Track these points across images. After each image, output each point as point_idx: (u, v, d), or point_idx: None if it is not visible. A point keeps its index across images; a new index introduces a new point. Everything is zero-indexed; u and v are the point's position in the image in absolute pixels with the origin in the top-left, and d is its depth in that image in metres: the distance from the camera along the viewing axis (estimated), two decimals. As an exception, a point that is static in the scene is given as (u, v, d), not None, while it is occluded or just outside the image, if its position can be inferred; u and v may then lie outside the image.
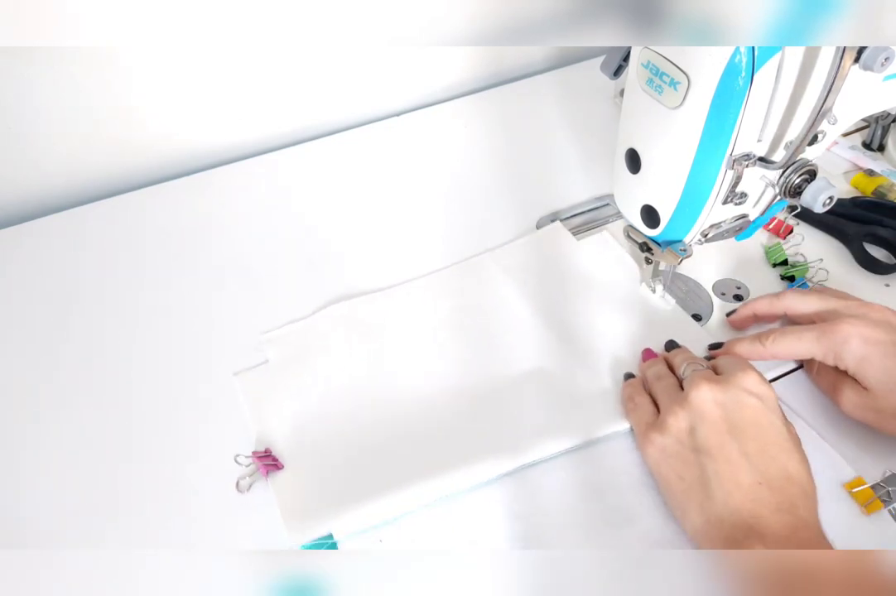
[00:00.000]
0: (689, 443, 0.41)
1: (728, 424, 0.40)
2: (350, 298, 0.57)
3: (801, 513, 0.37)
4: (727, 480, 0.38)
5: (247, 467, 0.46)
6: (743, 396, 0.41)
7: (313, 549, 0.42)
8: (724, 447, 0.39)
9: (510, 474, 0.45)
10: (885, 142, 0.67)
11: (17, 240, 0.66)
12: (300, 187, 0.70)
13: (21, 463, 0.49)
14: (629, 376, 0.49)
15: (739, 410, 0.40)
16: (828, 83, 0.38)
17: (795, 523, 0.37)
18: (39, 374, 0.54)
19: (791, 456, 0.39)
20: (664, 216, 0.46)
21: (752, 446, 0.39)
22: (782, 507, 0.37)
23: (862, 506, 0.42)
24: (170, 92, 0.69)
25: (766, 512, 0.37)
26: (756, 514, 0.37)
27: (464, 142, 0.75)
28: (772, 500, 0.37)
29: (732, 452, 0.39)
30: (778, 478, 0.38)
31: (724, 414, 0.40)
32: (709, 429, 0.40)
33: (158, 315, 0.58)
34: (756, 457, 0.39)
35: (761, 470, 0.38)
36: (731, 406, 0.40)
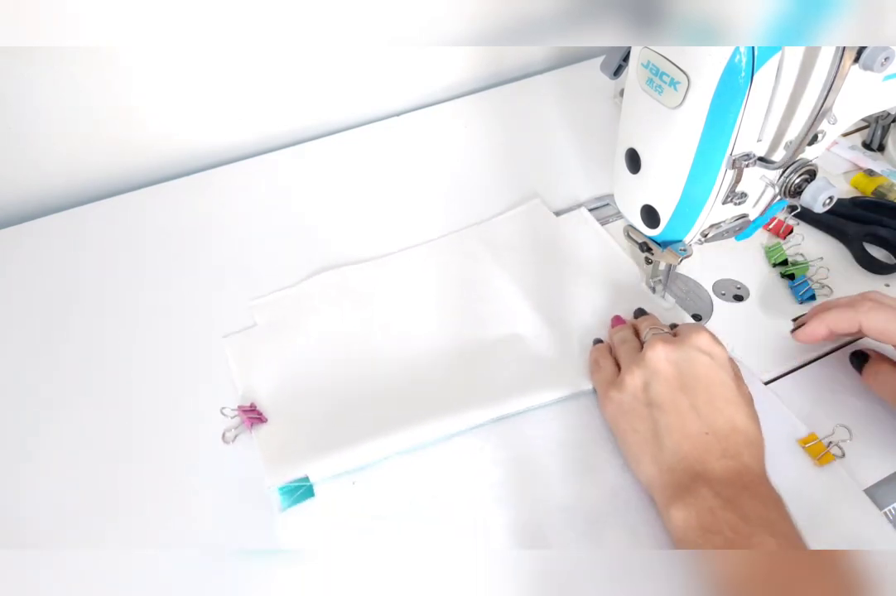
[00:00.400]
0: (644, 398, 0.43)
1: (680, 380, 0.42)
2: (339, 267, 0.60)
3: (746, 459, 0.40)
4: (677, 430, 0.41)
5: (232, 419, 0.49)
6: (695, 354, 0.43)
7: (290, 491, 0.44)
8: (676, 401, 0.42)
9: (481, 427, 0.47)
10: (885, 142, 0.68)
11: (17, 240, 0.66)
12: (300, 187, 0.70)
13: (21, 463, 0.49)
14: (597, 341, 0.52)
15: (691, 366, 0.43)
16: (828, 83, 0.38)
17: (739, 468, 0.39)
18: (39, 373, 0.54)
19: (738, 409, 0.42)
20: (664, 216, 0.46)
21: (702, 400, 0.42)
22: (727, 453, 0.40)
23: (814, 459, 0.45)
24: (170, 92, 0.69)
25: (711, 459, 0.40)
26: (703, 460, 0.40)
27: (464, 142, 0.75)
28: (717, 447, 0.40)
29: (683, 406, 0.41)
30: (724, 428, 0.41)
31: (676, 371, 0.43)
32: (662, 385, 0.43)
33: (158, 315, 0.58)
34: (704, 409, 0.41)
35: (709, 421, 0.41)
36: (683, 364, 0.43)
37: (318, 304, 0.57)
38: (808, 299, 0.55)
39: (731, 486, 0.38)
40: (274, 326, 0.56)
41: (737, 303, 0.56)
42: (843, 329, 0.46)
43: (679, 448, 0.41)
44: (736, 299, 0.56)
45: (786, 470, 0.43)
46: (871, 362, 0.47)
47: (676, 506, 0.39)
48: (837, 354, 0.52)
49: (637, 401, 0.43)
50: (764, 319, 0.54)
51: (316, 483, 0.45)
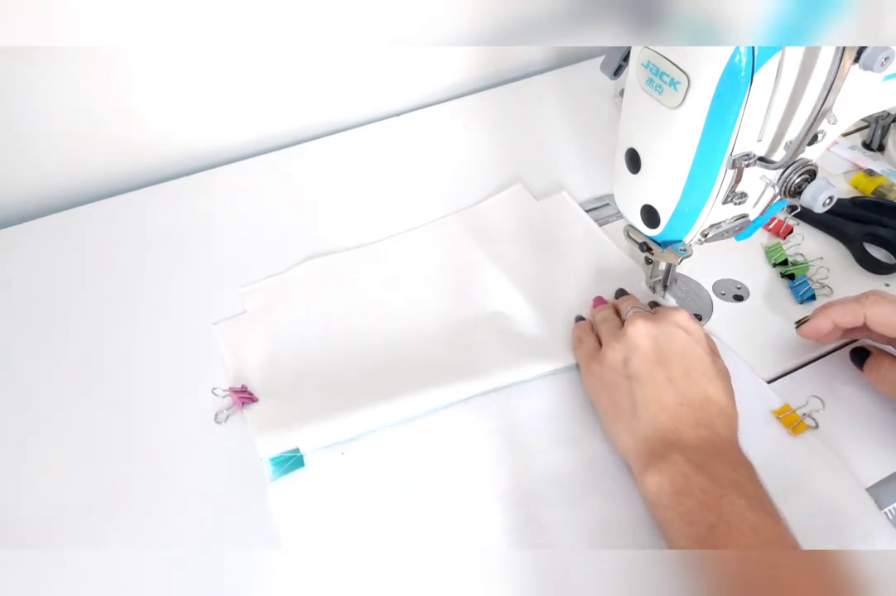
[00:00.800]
0: (623, 372, 0.45)
1: (658, 354, 0.44)
2: (327, 254, 0.62)
3: (718, 428, 0.42)
4: (653, 402, 0.43)
5: (224, 399, 0.50)
6: (673, 330, 0.45)
7: (281, 462, 0.45)
8: (653, 374, 0.43)
9: (468, 400, 0.48)
10: (885, 142, 0.68)
11: (17, 240, 0.66)
12: (300, 187, 0.70)
13: (20, 462, 0.49)
14: (580, 319, 0.54)
15: (669, 341, 0.45)
16: (828, 83, 0.38)
17: (711, 437, 0.41)
18: (39, 373, 0.54)
19: (712, 382, 0.43)
20: (664, 216, 0.46)
21: (678, 373, 0.43)
22: (700, 423, 0.42)
23: (789, 428, 0.46)
24: (170, 92, 0.69)
25: (685, 428, 0.41)
26: (676, 430, 0.41)
27: (464, 142, 0.75)
28: (691, 417, 0.42)
29: (659, 378, 0.43)
30: (698, 399, 0.42)
31: (654, 345, 0.45)
32: (640, 359, 0.44)
33: (158, 315, 0.58)
34: (680, 382, 0.43)
35: (683, 393, 0.43)
36: (661, 338, 0.45)
37: (307, 288, 0.59)
38: (808, 299, 0.55)
39: (703, 452, 0.40)
40: (263, 310, 0.57)
41: (737, 303, 0.56)
42: (848, 322, 0.46)
43: (655, 418, 0.42)
44: (736, 299, 0.56)
45: (761, 440, 0.45)
46: (873, 358, 0.47)
47: (650, 472, 0.40)
48: (838, 353, 0.52)
49: (617, 374, 0.45)
50: (764, 319, 0.54)
51: (306, 454, 0.46)
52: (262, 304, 0.58)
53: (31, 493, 0.47)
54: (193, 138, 0.73)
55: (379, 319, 0.56)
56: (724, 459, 0.40)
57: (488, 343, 0.53)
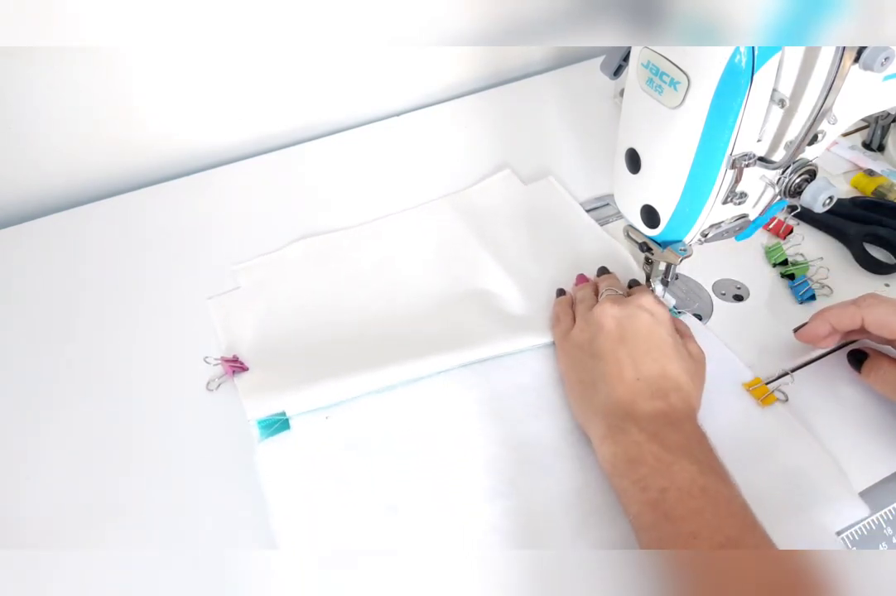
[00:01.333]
0: (588, 350, 0.47)
1: (620, 334, 0.46)
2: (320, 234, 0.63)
3: (672, 401, 0.43)
4: (612, 377, 0.45)
5: (215, 367, 0.52)
6: (637, 312, 0.47)
7: (268, 425, 0.48)
8: (615, 352, 0.45)
9: (450, 371, 0.50)
10: (885, 142, 0.68)
11: (17, 240, 0.66)
12: (300, 187, 0.70)
13: (20, 459, 0.49)
14: (561, 293, 0.56)
15: (632, 322, 0.46)
16: (828, 83, 0.38)
17: (665, 408, 0.43)
18: (39, 373, 0.54)
19: (671, 361, 0.45)
20: (664, 216, 0.46)
21: (638, 351, 0.45)
22: (655, 395, 0.43)
23: (758, 400, 0.48)
24: (170, 92, 0.69)
25: (640, 400, 0.43)
26: (632, 402, 0.43)
27: (464, 142, 0.75)
28: (646, 391, 0.43)
29: (620, 356, 0.45)
30: (654, 375, 0.44)
31: (618, 326, 0.46)
32: (604, 338, 0.46)
33: (158, 315, 0.58)
34: (639, 359, 0.45)
35: (641, 369, 0.44)
36: (625, 320, 0.47)
37: (300, 265, 0.60)
38: (809, 299, 0.55)
39: (656, 422, 0.42)
40: (257, 286, 0.59)
41: (737, 303, 0.56)
42: (846, 325, 0.47)
43: (612, 392, 0.44)
44: (736, 299, 0.56)
45: (731, 411, 0.48)
46: (871, 359, 0.48)
47: (607, 443, 0.42)
48: (837, 353, 0.52)
49: (583, 353, 0.47)
50: (764, 319, 0.54)
51: (292, 417, 0.48)
52: (255, 280, 0.59)
53: (31, 484, 0.47)
54: (193, 138, 0.73)
55: (370, 296, 0.58)
56: (676, 428, 0.42)
57: (474, 319, 0.55)
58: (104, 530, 0.45)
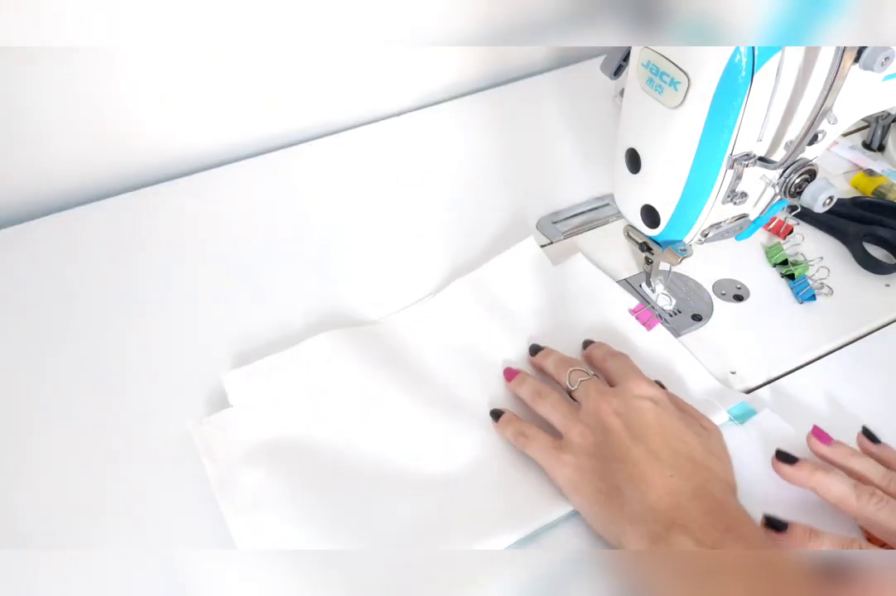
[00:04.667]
0: (598, 455, 0.41)
1: (630, 431, 0.41)
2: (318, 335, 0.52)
3: (717, 495, 0.38)
4: (640, 480, 0.39)
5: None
6: (637, 403, 0.42)
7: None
8: (631, 451, 0.40)
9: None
10: (885, 142, 0.68)
11: (17, 240, 0.66)
12: (300, 187, 0.70)
13: (18, 462, 0.49)
14: (497, 414, 0.47)
15: (637, 415, 0.42)
16: (828, 83, 0.38)
17: (714, 508, 0.37)
18: (39, 374, 0.54)
19: (694, 447, 0.40)
20: (664, 216, 0.46)
21: (656, 445, 0.40)
22: (697, 493, 0.38)
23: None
24: (170, 92, 0.69)
25: (683, 501, 0.37)
26: (674, 506, 0.37)
27: (464, 142, 0.75)
28: (685, 488, 0.38)
29: (639, 454, 0.40)
30: (686, 467, 0.39)
31: (623, 422, 0.41)
32: (613, 439, 0.41)
33: (158, 316, 0.58)
34: (661, 453, 0.40)
35: (670, 463, 0.39)
36: (629, 415, 0.42)
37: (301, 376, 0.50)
38: (809, 299, 0.55)
39: (712, 530, 0.36)
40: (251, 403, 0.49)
41: (737, 303, 0.56)
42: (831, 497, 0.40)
43: (646, 497, 0.38)
44: (736, 299, 0.56)
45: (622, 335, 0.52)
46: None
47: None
48: (837, 353, 0.52)
49: (593, 459, 0.41)
50: (764, 319, 0.54)
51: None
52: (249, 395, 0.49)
53: (26, 491, 0.47)
54: (193, 138, 0.73)
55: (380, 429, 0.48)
56: (736, 534, 0.36)
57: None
58: (104, 531, 0.45)
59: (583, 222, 0.64)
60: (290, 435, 0.47)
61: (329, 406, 0.49)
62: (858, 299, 0.55)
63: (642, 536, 0.37)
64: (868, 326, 0.54)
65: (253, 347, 0.55)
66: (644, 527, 0.37)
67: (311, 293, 0.59)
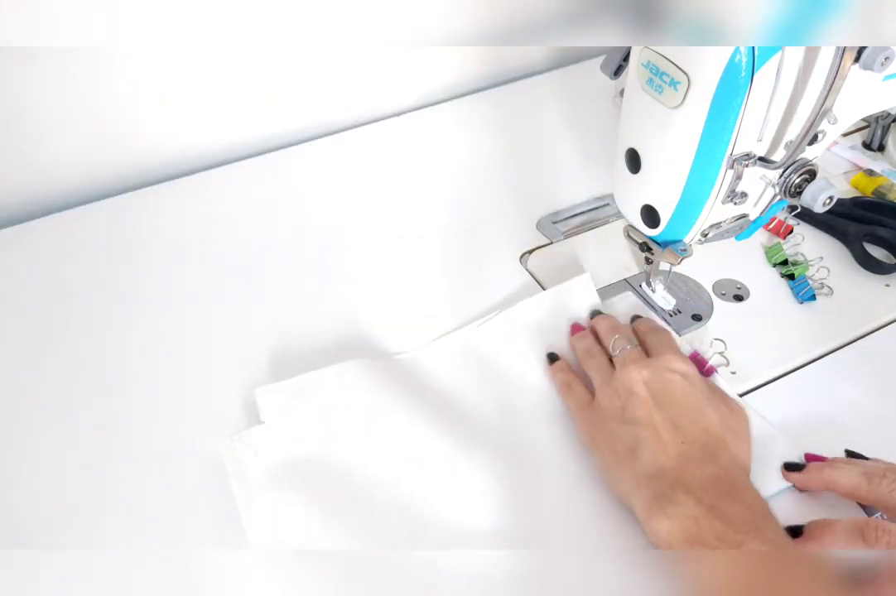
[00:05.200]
0: (621, 418, 0.44)
1: (654, 398, 0.44)
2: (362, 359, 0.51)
3: (724, 463, 0.40)
4: (654, 442, 0.41)
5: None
6: (668, 375, 0.45)
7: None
8: (651, 416, 0.43)
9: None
10: (885, 142, 0.68)
11: (17, 240, 0.66)
12: (300, 188, 0.70)
13: (18, 463, 0.49)
14: (554, 358, 0.51)
15: (665, 386, 0.44)
16: (828, 83, 0.38)
17: (718, 473, 0.39)
18: (38, 374, 0.54)
19: (712, 420, 0.43)
20: (664, 216, 0.46)
21: (677, 414, 0.43)
22: (705, 459, 0.40)
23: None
24: (170, 92, 0.69)
25: (688, 465, 0.40)
26: (680, 467, 0.40)
27: (464, 142, 0.75)
28: (693, 453, 0.40)
29: (658, 420, 0.42)
30: (700, 437, 0.41)
31: (650, 391, 0.44)
32: (637, 404, 0.43)
33: (158, 316, 0.58)
34: (679, 421, 0.42)
35: (684, 431, 0.42)
36: (657, 384, 0.44)
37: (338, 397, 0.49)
38: (809, 299, 0.55)
39: (712, 490, 0.38)
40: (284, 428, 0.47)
41: (737, 303, 0.56)
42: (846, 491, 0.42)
43: (656, 458, 0.41)
44: (736, 299, 0.56)
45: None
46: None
47: (657, 517, 0.38)
48: (837, 354, 0.52)
49: (615, 421, 0.44)
50: (764, 319, 0.54)
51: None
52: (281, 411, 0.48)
53: (26, 493, 0.47)
54: (193, 138, 0.73)
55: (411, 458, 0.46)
56: (736, 497, 0.38)
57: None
58: (104, 531, 0.45)
59: (583, 222, 0.64)
60: (322, 460, 0.46)
61: (363, 433, 0.47)
62: (858, 299, 0.55)
63: (648, 495, 0.39)
64: (868, 326, 0.54)
65: (253, 346, 0.55)
66: (650, 487, 0.40)
67: (311, 293, 0.59)
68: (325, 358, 0.52)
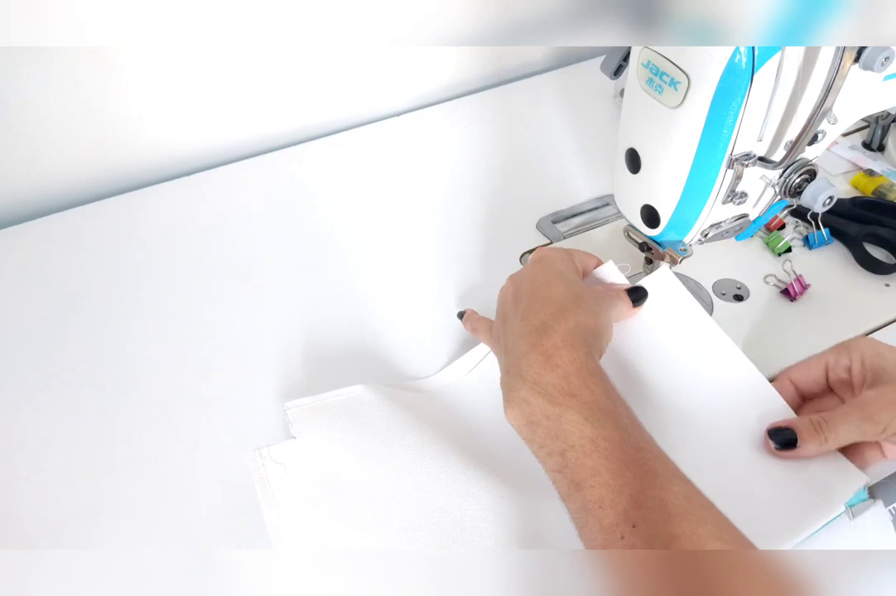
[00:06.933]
0: (497, 332, 0.45)
1: (514, 295, 0.44)
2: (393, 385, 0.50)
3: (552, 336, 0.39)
4: (508, 337, 0.42)
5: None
6: (526, 268, 0.47)
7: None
8: (508, 313, 0.44)
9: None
10: (885, 142, 0.68)
11: (17, 240, 0.66)
12: (300, 187, 0.70)
13: (18, 463, 0.49)
14: (462, 314, 0.53)
15: (520, 277, 0.46)
16: (828, 83, 0.38)
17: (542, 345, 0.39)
18: (38, 374, 0.54)
19: (559, 291, 0.42)
20: (664, 216, 0.46)
21: (524, 303, 0.43)
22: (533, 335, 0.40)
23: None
24: (170, 92, 0.69)
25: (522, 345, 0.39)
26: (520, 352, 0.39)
27: (464, 142, 0.75)
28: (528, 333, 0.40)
29: (511, 314, 0.43)
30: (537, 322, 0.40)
31: (512, 288, 0.45)
32: (503, 306, 0.45)
33: (158, 316, 0.58)
34: (526, 310, 0.42)
35: (524, 307, 0.42)
36: (517, 280, 0.46)
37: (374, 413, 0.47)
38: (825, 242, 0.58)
39: (534, 366, 0.38)
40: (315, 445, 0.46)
41: (737, 303, 0.56)
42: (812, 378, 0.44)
43: (510, 351, 0.41)
44: (736, 299, 0.56)
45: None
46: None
47: (507, 410, 0.38)
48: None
49: (496, 340, 0.45)
50: (764, 319, 0.54)
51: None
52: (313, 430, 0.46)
53: (29, 485, 0.47)
54: (193, 138, 0.73)
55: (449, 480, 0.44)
56: (551, 366, 0.37)
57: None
58: (104, 531, 0.45)
59: (583, 222, 0.64)
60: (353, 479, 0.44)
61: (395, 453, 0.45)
62: (858, 299, 0.55)
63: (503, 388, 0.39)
64: (868, 325, 0.54)
65: (252, 346, 0.55)
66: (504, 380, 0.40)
67: (311, 293, 0.59)
68: (326, 358, 0.52)
